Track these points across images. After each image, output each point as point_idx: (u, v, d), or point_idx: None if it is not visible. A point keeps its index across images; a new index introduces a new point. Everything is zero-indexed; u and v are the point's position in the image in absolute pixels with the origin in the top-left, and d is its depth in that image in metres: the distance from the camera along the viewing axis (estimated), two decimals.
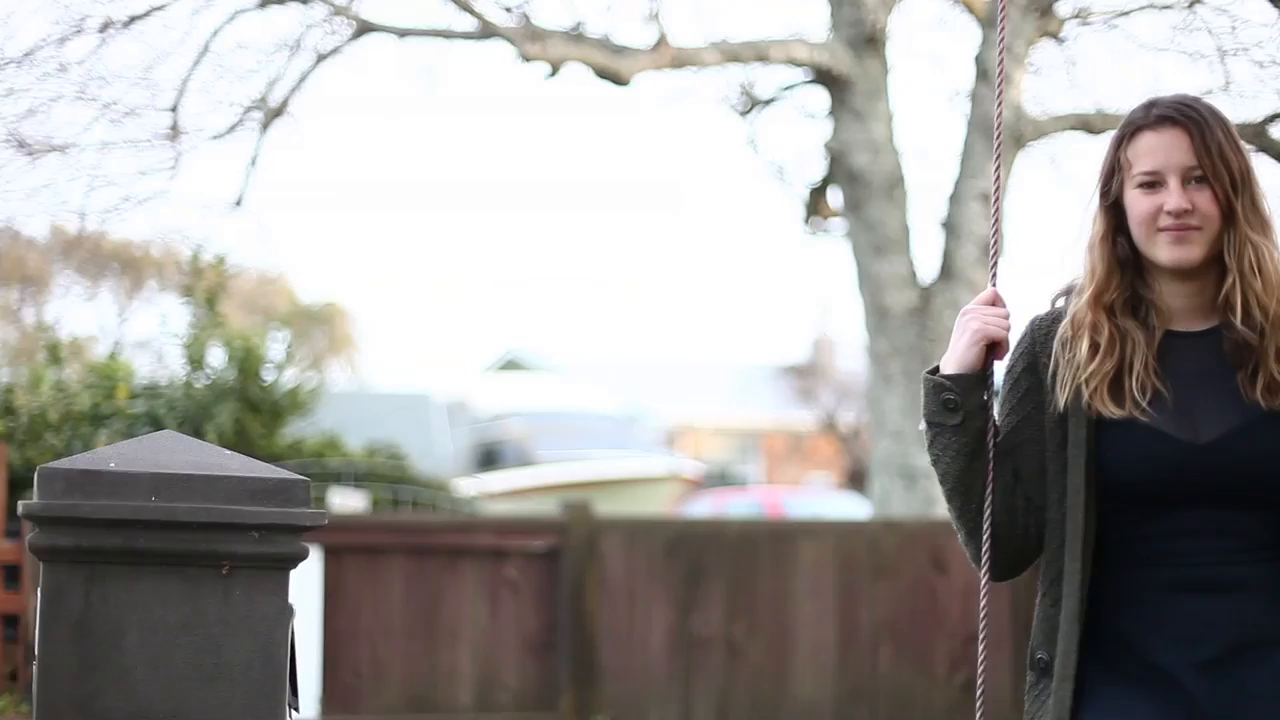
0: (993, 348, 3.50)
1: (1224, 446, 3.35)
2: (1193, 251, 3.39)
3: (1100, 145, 3.60)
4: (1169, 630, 3.36)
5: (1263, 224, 3.41)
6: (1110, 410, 3.39)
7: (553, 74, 15.71)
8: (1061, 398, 3.45)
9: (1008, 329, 3.51)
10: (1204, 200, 3.38)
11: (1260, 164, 17.38)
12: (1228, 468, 3.35)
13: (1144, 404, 3.38)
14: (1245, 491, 3.36)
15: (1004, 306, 3.54)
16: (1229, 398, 3.39)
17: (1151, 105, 3.46)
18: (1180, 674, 3.32)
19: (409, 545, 10.85)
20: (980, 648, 3.63)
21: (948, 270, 17.37)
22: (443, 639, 10.81)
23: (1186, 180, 3.39)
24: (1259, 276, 3.38)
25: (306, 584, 10.38)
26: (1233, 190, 3.38)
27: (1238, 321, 3.38)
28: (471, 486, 16.15)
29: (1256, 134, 17.86)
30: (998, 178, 3.77)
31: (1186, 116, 3.40)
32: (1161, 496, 3.38)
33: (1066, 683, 3.39)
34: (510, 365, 43.00)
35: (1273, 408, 3.36)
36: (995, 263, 3.73)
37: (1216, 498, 3.36)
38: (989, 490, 3.50)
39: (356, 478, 12.55)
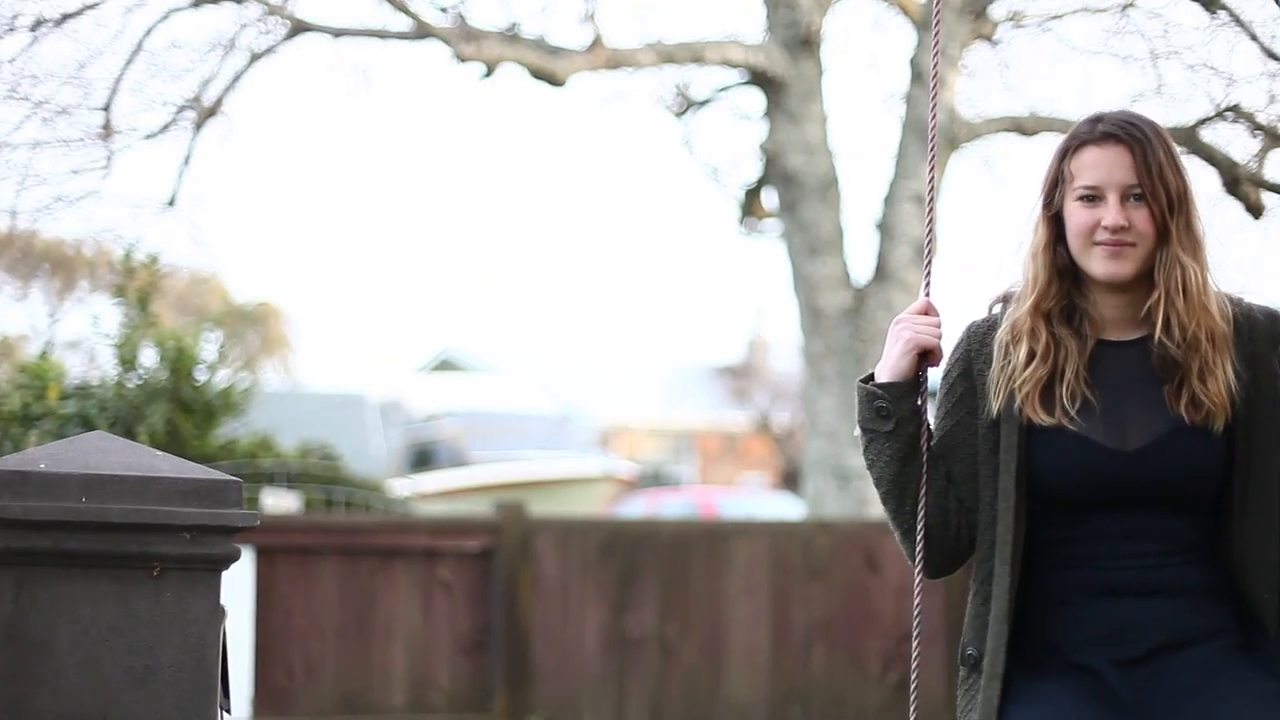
0: (925, 355, 3.57)
1: (1150, 453, 3.41)
2: (1125, 267, 3.45)
3: (1034, 147, 3.64)
4: (1094, 631, 3.42)
5: (1195, 246, 3.47)
6: (1040, 417, 3.45)
7: (488, 75, 15.68)
8: (995, 403, 3.51)
9: (939, 337, 3.57)
10: (1141, 218, 3.44)
11: (1191, 166, 17.52)
12: (1154, 474, 3.41)
13: (1073, 412, 3.44)
14: (1171, 497, 3.43)
15: (936, 315, 3.60)
16: (1155, 406, 3.45)
17: (1097, 120, 3.51)
18: (1103, 671, 3.38)
19: (342, 546, 10.82)
20: (914, 643, 3.69)
21: (882, 271, 17.43)
22: (376, 640, 10.78)
23: (1125, 197, 3.44)
24: (1182, 296, 3.44)
25: (238, 585, 10.33)
26: (1169, 210, 3.44)
27: (1159, 335, 3.44)
28: (405, 487, 16.11)
29: (1188, 137, 18.00)
30: (932, 181, 3.80)
31: (1130, 135, 3.46)
32: (1089, 501, 3.44)
33: (995, 681, 3.45)
34: (444, 365, 42.92)
35: (1195, 422, 3.42)
36: (929, 267, 3.77)
37: (1143, 503, 3.42)
38: (923, 493, 3.56)
39: (289, 478, 12.50)
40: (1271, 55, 17.31)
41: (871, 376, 3.59)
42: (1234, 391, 3.42)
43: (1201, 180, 18.51)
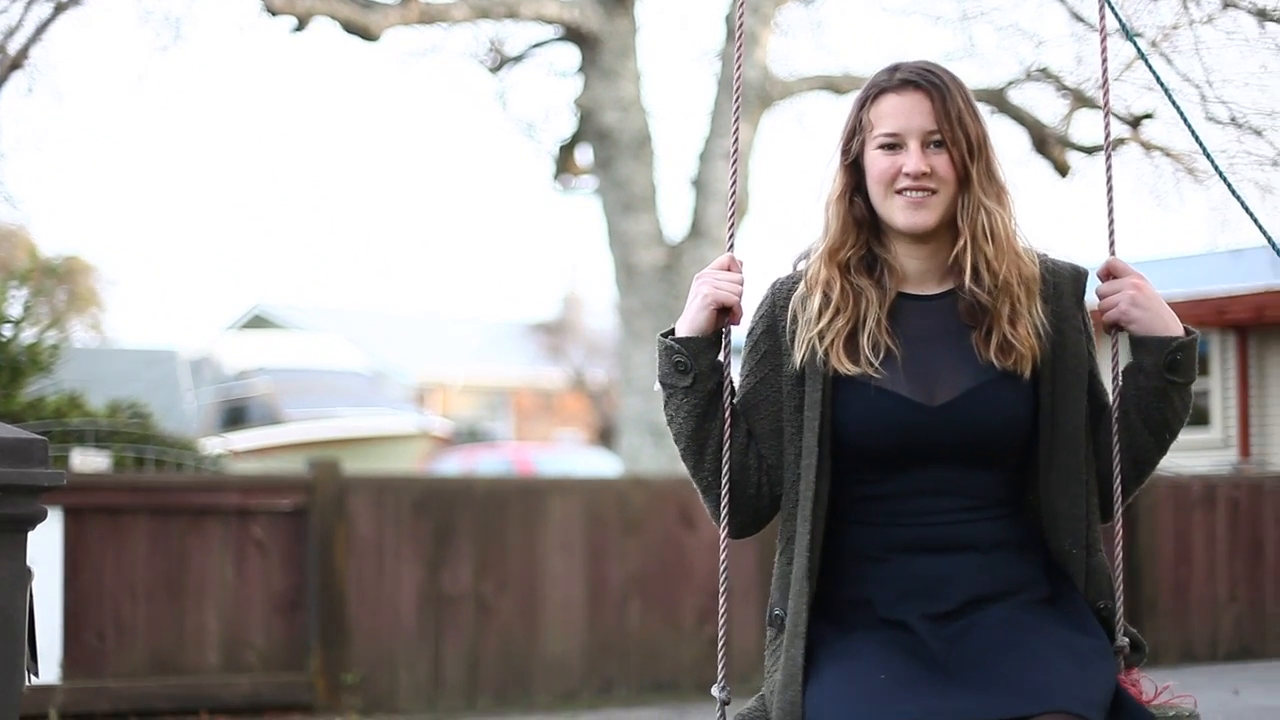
0: (725, 312, 3.54)
1: (957, 408, 3.42)
2: (928, 217, 3.46)
3: (846, 106, 3.64)
4: (903, 586, 3.42)
5: (997, 191, 3.49)
6: (845, 366, 3.44)
7: (299, 28, 15.53)
8: (798, 356, 3.50)
9: (740, 294, 3.54)
10: (942, 164, 3.45)
11: (1000, 127, 17.77)
12: (961, 429, 3.41)
13: (876, 362, 3.44)
14: (978, 451, 3.44)
15: (739, 271, 3.58)
16: (963, 359, 3.46)
17: (895, 69, 3.52)
18: (914, 625, 3.38)
19: (153, 505, 10.67)
20: (722, 601, 3.67)
21: (696, 228, 17.53)
22: (188, 600, 10.66)
23: (926, 144, 3.45)
24: (990, 241, 3.45)
25: (46, 546, 10.17)
26: (969, 156, 3.46)
27: (968, 283, 3.45)
28: (218, 445, 15.92)
29: (997, 98, 18.28)
30: (736, 138, 3.80)
31: (929, 81, 3.47)
32: (896, 457, 3.44)
33: (798, 640, 3.42)
34: (257, 322, 42.49)
35: (1006, 368, 3.43)
36: (734, 224, 3.75)
37: (949, 458, 3.43)
38: (725, 449, 3.54)
39: (99, 437, 12.30)
40: (1078, 18, 17.60)
41: (672, 331, 3.57)
42: (1042, 337, 3.45)
43: (1010, 141, 18.79)
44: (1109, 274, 3.57)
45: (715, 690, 3.61)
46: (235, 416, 25.57)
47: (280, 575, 10.86)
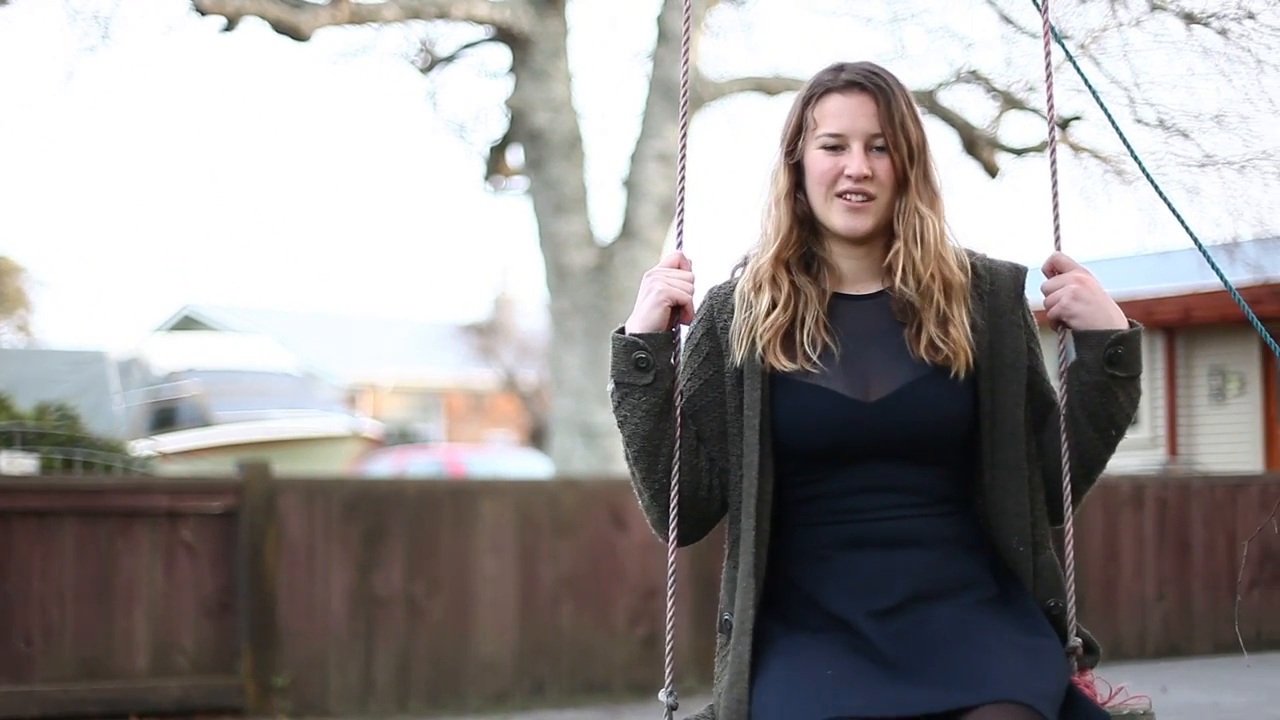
0: (678, 310, 3.54)
1: (893, 404, 3.42)
2: (865, 221, 3.48)
3: (777, 107, 3.63)
4: (847, 583, 3.42)
5: (932, 196, 3.51)
6: (782, 364, 3.45)
7: (229, 28, 15.45)
8: (739, 353, 3.50)
9: (691, 292, 3.55)
10: (883, 168, 3.47)
11: (931, 128, 17.90)
12: (896, 424, 3.42)
13: (814, 358, 3.45)
14: (916, 447, 3.44)
15: (689, 269, 3.58)
16: (897, 356, 3.46)
17: (840, 68, 3.52)
18: (859, 622, 3.38)
19: (81, 508, 10.59)
20: (669, 601, 3.63)
21: (628, 229, 17.54)
22: (117, 603, 10.59)
23: (869, 147, 3.47)
24: (920, 245, 3.46)
25: None
26: (909, 160, 3.47)
27: (898, 283, 3.47)
28: (147, 447, 15.83)
29: (927, 100, 18.38)
30: (684, 139, 3.80)
31: (874, 84, 3.48)
32: (835, 455, 3.44)
33: (745, 637, 3.42)
34: (186, 323, 42.24)
35: (936, 363, 3.44)
36: (681, 224, 3.74)
37: (889, 454, 3.43)
38: (676, 451, 3.53)
39: (26, 439, 12.22)
40: (1008, 20, 17.71)
41: (624, 329, 3.55)
42: (972, 339, 3.45)
43: (941, 142, 18.91)
44: (1053, 269, 3.58)
45: (663, 695, 3.59)
46: (164, 418, 25.41)
47: (210, 578, 10.80)
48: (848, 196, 3.46)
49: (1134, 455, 23.48)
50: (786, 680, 3.31)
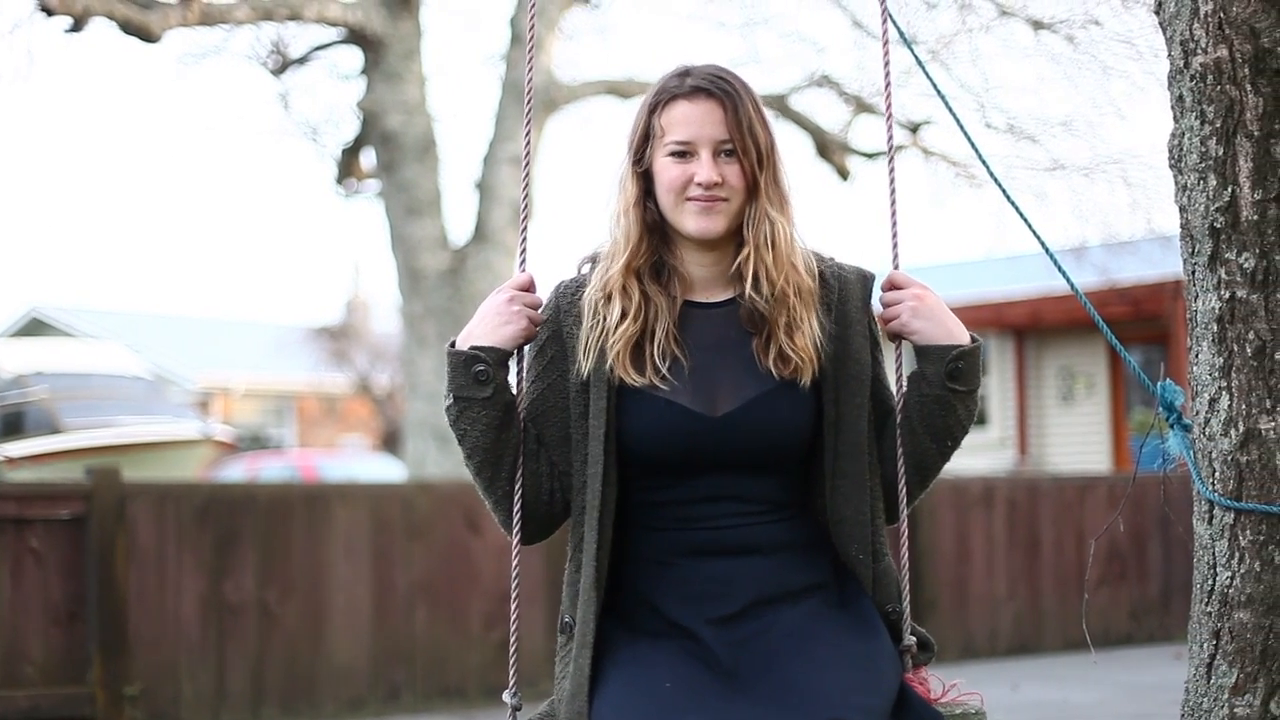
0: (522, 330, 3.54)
1: (738, 419, 3.42)
2: (718, 223, 3.46)
3: (631, 110, 3.62)
4: (688, 590, 3.43)
5: (781, 201, 3.50)
6: (631, 377, 3.44)
7: (76, 28, 15.25)
8: (586, 363, 3.47)
9: (539, 319, 3.55)
10: (733, 173, 3.45)
11: (783, 132, 17.98)
12: (741, 439, 3.42)
13: (664, 371, 3.43)
14: (759, 459, 3.45)
15: (535, 291, 3.57)
16: (745, 368, 3.46)
17: (686, 74, 3.49)
18: (698, 630, 3.38)
19: None
20: (513, 606, 3.65)
21: (481, 232, 17.51)
22: None
23: (717, 153, 3.45)
24: (771, 251, 3.45)
25: None
26: (759, 165, 3.46)
27: (748, 290, 3.46)
28: None
29: (780, 104, 18.50)
30: (528, 144, 3.78)
31: (721, 89, 3.46)
32: (679, 466, 3.44)
33: (585, 649, 3.42)
34: (33, 327, 41.65)
35: (785, 376, 3.44)
36: (525, 230, 3.68)
37: (732, 466, 3.44)
38: (519, 459, 3.52)
39: None
40: (859, 25, 17.84)
41: (454, 344, 3.53)
42: (820, 346, 3.45)
43: (793, 146, 19.05)
44: (892, 287, 3.59)
45: (506, 696, 3.60)
46: (11, 424, 25.01)
47: (58, 586, 10.65)
48: (698, 200, 3.44)
49: (984, 455, 23.78)
50: (626, 693, 3.31)
